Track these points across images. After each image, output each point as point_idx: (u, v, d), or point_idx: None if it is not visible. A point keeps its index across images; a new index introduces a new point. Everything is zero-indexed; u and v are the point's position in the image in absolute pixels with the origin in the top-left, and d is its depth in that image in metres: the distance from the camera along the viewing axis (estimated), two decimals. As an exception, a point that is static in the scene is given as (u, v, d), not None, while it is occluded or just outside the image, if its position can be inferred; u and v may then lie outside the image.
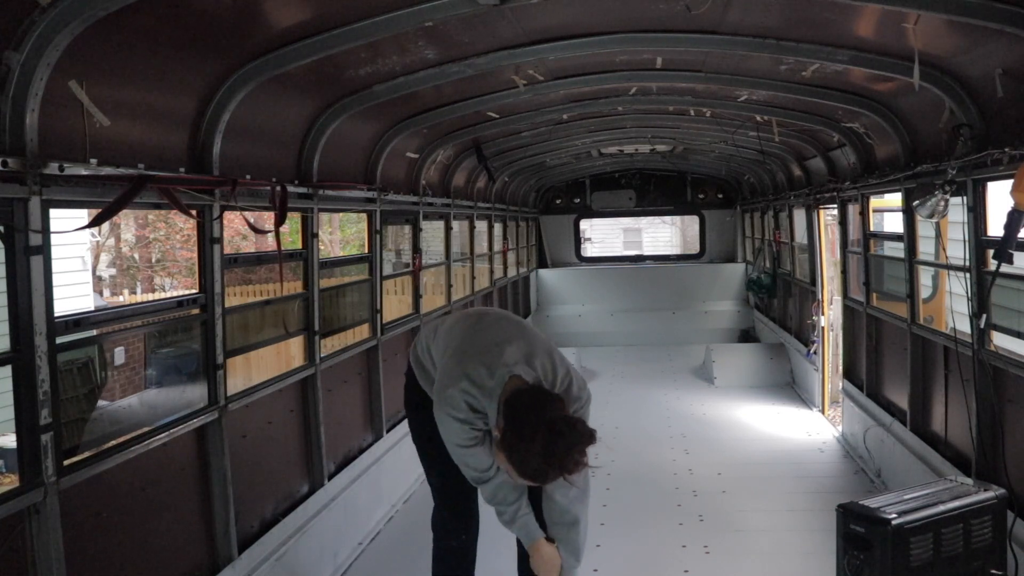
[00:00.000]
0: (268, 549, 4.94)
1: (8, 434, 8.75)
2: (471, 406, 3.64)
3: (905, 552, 4.04)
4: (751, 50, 5.34)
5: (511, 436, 3.43)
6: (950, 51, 4.82)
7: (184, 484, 4.34)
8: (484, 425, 3.68)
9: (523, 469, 3.44)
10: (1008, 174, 4.52)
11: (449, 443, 3.75)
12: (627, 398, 10.92)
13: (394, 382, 7.45)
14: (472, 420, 3.65)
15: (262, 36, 4.27)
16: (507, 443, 3.45)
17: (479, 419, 3.66)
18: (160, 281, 23.00)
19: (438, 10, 4.22)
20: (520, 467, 3.44)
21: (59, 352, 3.37)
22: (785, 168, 10.93)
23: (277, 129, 5.28)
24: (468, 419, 3.65)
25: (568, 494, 3.80)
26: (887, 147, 6.84)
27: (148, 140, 3.97)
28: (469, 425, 3.66)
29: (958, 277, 5.43)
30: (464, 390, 3.63)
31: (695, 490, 7.23)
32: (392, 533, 6.44)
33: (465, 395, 3.63)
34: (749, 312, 15.20)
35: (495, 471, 3.73)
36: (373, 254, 6.96)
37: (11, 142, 3.08)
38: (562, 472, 3.43)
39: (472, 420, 3.65)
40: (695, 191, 16.11)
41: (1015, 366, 4.83)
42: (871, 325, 7.78)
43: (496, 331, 3.89)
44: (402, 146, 7.27)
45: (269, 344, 5.48)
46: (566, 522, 3.86)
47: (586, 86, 6.77)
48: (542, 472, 3.43)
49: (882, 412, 7.39)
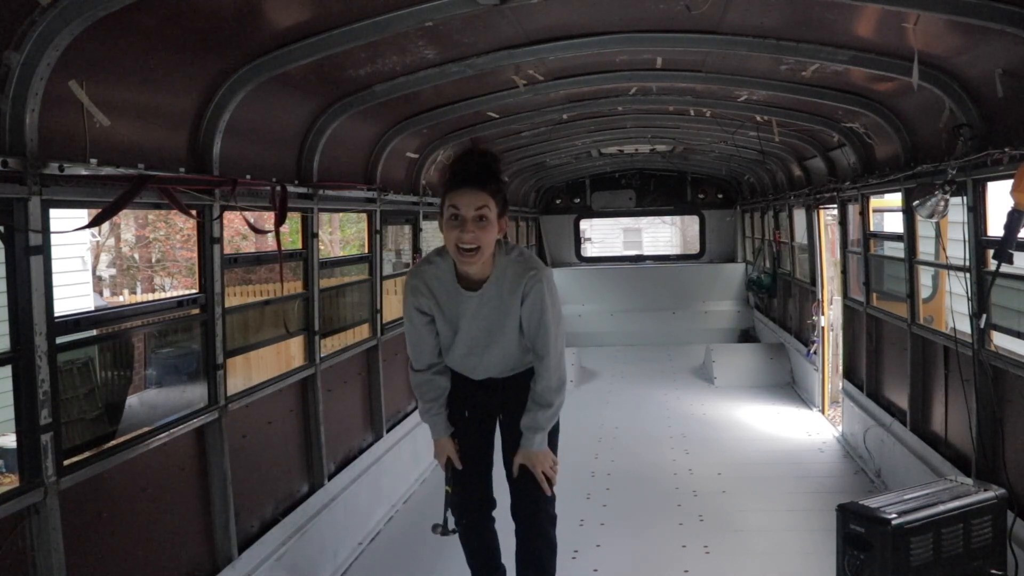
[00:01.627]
0: (268, 549, 4.94)
1: (8, 434, 8.75)
2: (425, 282, 4.08)
3: (905, 552, 4.04)
4: (751, 50, 5.33)
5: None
6: (950, 51, 4.82)
7: (184, 484, 4.34)
8: (429, 310, 4.10)
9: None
10: (1008, 174, 4.52)
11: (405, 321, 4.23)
12: (627, 398, 10.92)
13: (394, 382, 7.48)
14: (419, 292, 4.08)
15: (262, 36, 4.27)
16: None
17: (427, 300, 4.08)
18: (160, 281, 23.00)
19: (438, 10, 4.22)
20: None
21: (59, 352, 3.37)
22: (785, 168, 10.93)
23: (277, 129, 5.28)
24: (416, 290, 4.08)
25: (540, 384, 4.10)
26: (887, 147, 6.85)
27: (148, 140, 3.97)
28: (414, 299, 4.10)
29: (958, 277, 5.43)
30: (418, 267, 4.19)
31: (695, 490, 7.23)
32: (392, 533, 6.44)
33: (419, 271, 4.13)
34: (749, 312, 15.20)
35: (427, 368, 4.23)
36: (373, 254, 6.97)
37: (11, 142, 3.08)
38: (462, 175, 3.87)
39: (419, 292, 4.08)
40: (695, 191, 16.10)
41: (1015, 366, 4.83)
42: (871, 325, 7.78)
43: None
44: (402, 146, 7.27)
45: (269, 344, 5.48)
46: (539, 403, 4.12)
47: (586, 86, 6.77)
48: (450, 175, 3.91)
49: (882, 412, 7.39)
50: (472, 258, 3.86)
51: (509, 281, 4.00)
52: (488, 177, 3.84)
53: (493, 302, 4.04)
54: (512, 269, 4.00)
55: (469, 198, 3.81)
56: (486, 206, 3.82)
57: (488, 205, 3.82)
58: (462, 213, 3.82)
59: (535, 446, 4.13)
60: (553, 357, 4.08)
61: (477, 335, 4.13)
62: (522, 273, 3.98)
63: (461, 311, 4.09)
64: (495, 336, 4.12)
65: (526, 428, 4.14)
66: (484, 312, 4.07)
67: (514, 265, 4.00)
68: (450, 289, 4.06)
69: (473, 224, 3.81)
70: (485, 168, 3.86)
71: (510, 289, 4.01)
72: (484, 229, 3.83)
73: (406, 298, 4.15)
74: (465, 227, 3.81)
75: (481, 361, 4.21)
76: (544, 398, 4.10)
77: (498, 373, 4.26)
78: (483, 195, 3.81)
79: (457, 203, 3.83)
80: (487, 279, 4.01)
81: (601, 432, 9.20)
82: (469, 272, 4.00)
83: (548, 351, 4.07)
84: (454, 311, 4.10)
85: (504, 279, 4.01)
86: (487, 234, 3.85)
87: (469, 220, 3.81)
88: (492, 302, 4.04)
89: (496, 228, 3.88)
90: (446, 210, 3.86)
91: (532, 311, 4.01)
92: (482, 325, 4.09)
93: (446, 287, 4.07)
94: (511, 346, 4.14)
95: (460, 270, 4.02)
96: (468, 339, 4.16)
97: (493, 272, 4.00)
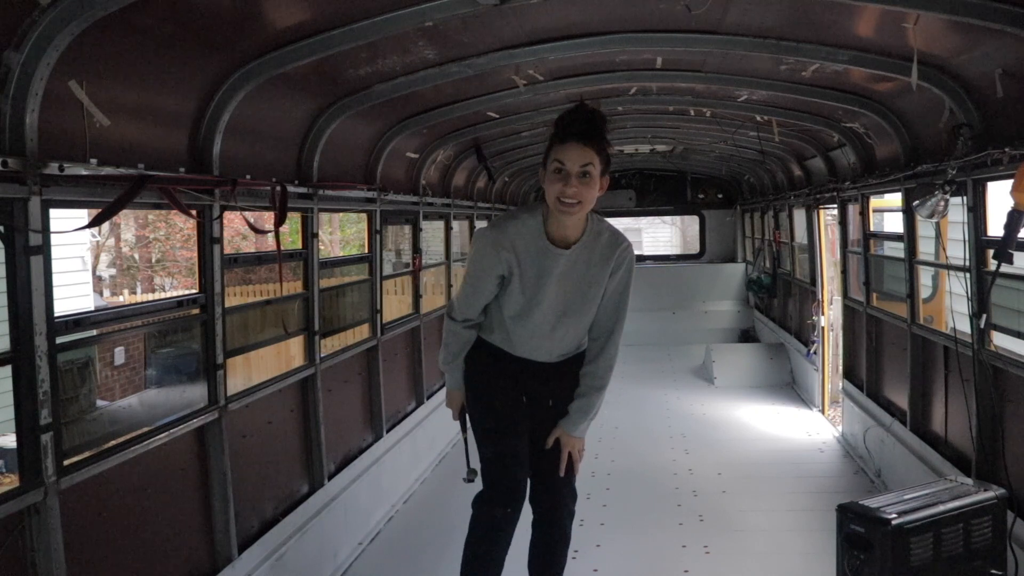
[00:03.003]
0: (268, 549, 4.94)
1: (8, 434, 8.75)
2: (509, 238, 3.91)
3: (905, 552, 4.05)
4: (751, 50, 5.33)
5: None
6: (950, 51, 4.82)
7: (184, 484, 4.34)
8: (508, 269, 3.92)
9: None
10: (1008, 174, 4.52)
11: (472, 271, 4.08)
12: (627, 398, 10.92)
13: (394, 382, 7.48)
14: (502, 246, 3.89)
15: (262, 36, 4.28)
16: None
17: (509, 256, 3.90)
18: (160, 281, 23.00)
19: (438, 10, 4.22)
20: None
21: (59, 352, 3.37)
22: (785, 168, 10.93)
23: (277, 129, 5.28)
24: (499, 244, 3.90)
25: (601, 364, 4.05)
26: (887, 147, 6.85)
27: (148, 140, 3.97)
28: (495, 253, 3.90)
29: (958, 277, 5.43)
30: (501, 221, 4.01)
31: (695, 490, 7.23)
32: (392, 533, 6.44)
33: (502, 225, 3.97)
34: (749, 312, 15.20)
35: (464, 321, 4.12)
36: (373, 254, 6.97)
37: (11, 142, 3.08)
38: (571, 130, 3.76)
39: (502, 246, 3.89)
40: (695, 191, 16.09)
41: (1015, 366, 4.83)
42: (871, 325, 7.78)
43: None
44: (402, 146, 7.27)
45: (269, 344, 5.47)
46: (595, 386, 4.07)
47: (586, 86, 6.76)
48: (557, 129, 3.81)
49: (882, 412, 7.39)
50: (572, 209, 3.78)
51: (602, 247, 3.93)
52: (595, 134, 3.77)
53: (581, 266, 3.93)
54: (606, 237, 3.93)
55: (576, 153, 3.74)
56: (591, 163, 3.75)
57: (593, 162, 3.75)
58: (567, 167, 3.74)
59: (579, 432, 4.10)
60: (620, 336, 4.06)
61: (556, 300, 3.97)
62: (615, 243, 3.93)
63: (548, 269, 3.92)
64: (573, 305, 3.98)
65: (577, 411, 4.06)
66: (572, 275, 3.94)
67: (608, 234, 3.94)
68: (539, 247, 3.90)
69: (577, 180, 3.74)
70: (592, 125, 3.79)
71: (602, 256, 3.92)
72: (587, 185, 3.75)
73: (482, 250, 3.94)
74: (569, 181, 3.74)
75: (552, 332, 4.05)
76: (603, 380, 4.07)
77: (554, 354, 4.12)
78: (589, 151, 3.74)
79: (562, 158, 3.75)
80: (578, 241, 3.91)
81: (601, 432, 9.18)
82: (566, 225, 3.87)
83: (618, 328, 4.04)
84: (539, 270, 3.92)
85: (596, 244, 3.92)
86: (590, 190, 3.77)
87: (573, 175, 3.74)
88: (580, 266, 3.93)
89: (598, 186, 3.80)
90: (550, 163, 3.78)
91: (620, 284, 3.97)
92: (567, 288, 3.95)
93: (534, 245, 3.91)
94: (585, 319, 4.03)
95: (550, 229, 3.90)
96: (547, 304, 3.98)
97: (585, 235, 3.91)
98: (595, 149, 3.77)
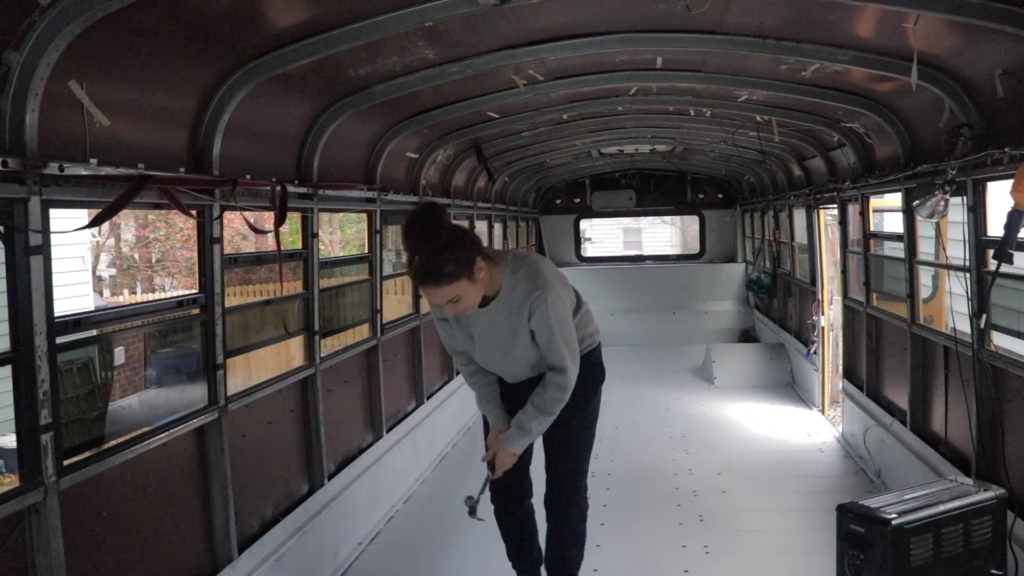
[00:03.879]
0: (268, 549, 4.93)
1: (8, 434, 8.75)
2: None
3: (905, 552, 4.05)
4: (751, 50, 5.33)
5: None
6: (950, 51, 4.82)
7: (184, 484, 4.34)
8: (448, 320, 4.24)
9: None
10: (1008, 174, 4.52)
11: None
12: (627, 398, 10.91)
13: (394, 382, 7.48)
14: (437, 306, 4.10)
15: (262, 36, 4.27)
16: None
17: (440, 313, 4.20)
18: (160, 281, 23.00)
19: (438, 10, 4.22)
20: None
21: (59, 352, 3.37)
22: (785, 168, 10.93)
23: (277, 129, 5.28)
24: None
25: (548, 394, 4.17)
26: (887, 147, 6.84)
27: (148, 140, 3.97)
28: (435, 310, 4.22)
29: (958, 277, 5.43)
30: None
31: (695, 490, 7.23)
32: (392, 533, 6.44)
33: None
34: (749, 312, 15.20)
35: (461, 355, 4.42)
36: (373, 254, 6.97)
37: (11, 142, 3.08)
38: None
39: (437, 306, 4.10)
40: (695, 191, 16.10)
41: (1015, 366, 4.83)
42: (871, 325, 7.78)
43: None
44: (402, 146, 7.27)
45: (269, 344, 5.47)
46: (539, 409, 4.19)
47: (586, 86, 6.77)
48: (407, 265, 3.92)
49: (882, 412, 7.39)
50: (462, 314, 4.05)
51: (517, 299, 4.07)
52: (441, 275, 3.81)
53: (503, 318, 4.12)
54: (520, 287, 4.05)
55: (435, 295, 3.90)
56: (452, 294, 3.87)
57: (454, 289, 3.86)
58: (436, 303, 3.96)
59: (511, 446, 4.26)
60: (570, 370, 4.14)
61: (492, 348, 4.25)
62: (529, 292, 4.04)
63: (473, 323, 4.20)
64: (509, 349, 4.22)
65: (515, 425, 4.25)
66: (496, 329, 4.16)
67: (521, 283, 4.05)
68: None
69: (450, 306, 3.93)
70: (428, 270, 3.80)
71: (518, 307, 4.07)
72: (461, 301, 3.92)
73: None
74: (445, 307, 3.95)
75: (504, 369, 4.36)
76: (548, 407, 4.19)
77: (519, 377, 4.39)
78: (444, 289, 3.84)
79: (426, 296, 3.97)
80: (496, 297, 4.09)
81: (601, 432, 9.06)
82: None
83: (562, 366, 4.13)
84: (467, 323, 4.23)
85: (512, 297, 4.07)
86: (466, 301, 3.94)
87: (445, 305, 3.93)
88: (502, 318, 4.12)
89: (474, 288, 3.92)
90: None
91: (540, 330, 4.09)
92: (496, 338, 4.20)
93: None
94: (528, 356, 4.24)
95: None
96: (484, 351, 4.29)
97: (501, 291, 4.07)
98: (448, 282, 3.82)
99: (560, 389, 4.15)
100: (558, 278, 4.22)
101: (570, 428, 4.44)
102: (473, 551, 5.85)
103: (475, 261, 3.86)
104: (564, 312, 4.12)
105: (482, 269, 3.91)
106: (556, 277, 4.20)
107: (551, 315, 4.03)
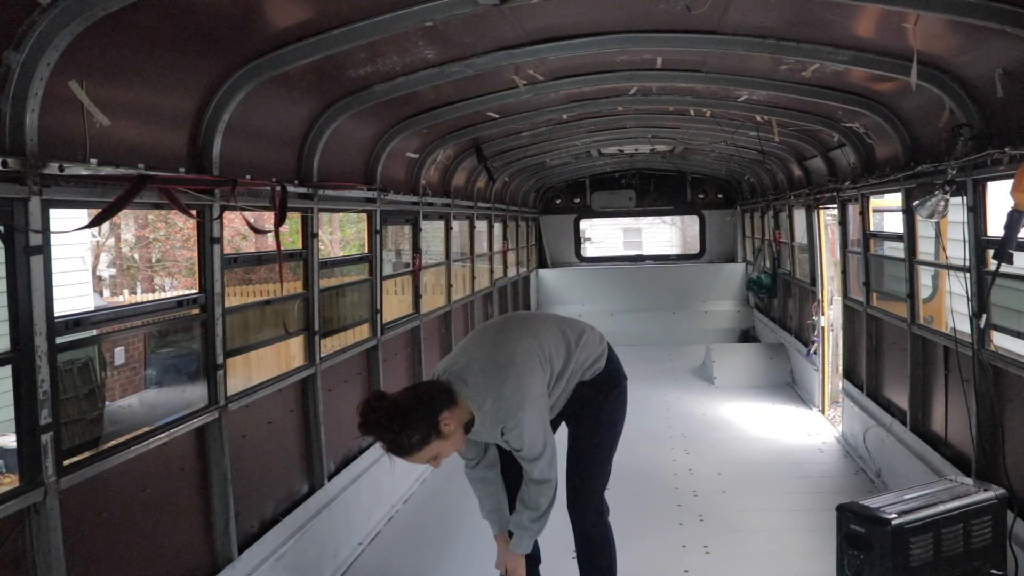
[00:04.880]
0: (268, 549, 4.93)
1: (8, 434, 8.75)
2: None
3: (905, 552, 4.04)
4: (751, 50, 5.33)
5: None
6: (950, 51, 4.82)
7: (184, 484, 4.34)
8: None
9: None
10: (1008, 174, 4.52)
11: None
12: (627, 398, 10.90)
13: (395, 382, 7.47)
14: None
15: (262, 36, 4.27)
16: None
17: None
18: (160, 281, 23.00)
19: (438, 10, 4.22)
20: None
21: (59, 352, 3.37)
22: (785, 168, 10.93)
23: (277, 129, 5.28)
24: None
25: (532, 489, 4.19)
26: (887, 147, 6.84)
27: (148, 140, 3.97)
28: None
29: (958, 277, 5.43)
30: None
31: (695, 490, 7.23)
32: (392, 533, 6.44)
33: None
34: (749, 312, 15.20)
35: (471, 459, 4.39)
36: (373, 254, 6.96)
37: (11, 142, 3.08)
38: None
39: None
40: (695, 191, 16.10)
41: (1015, 366, 4.83)
42: (871, 325, 7.78)
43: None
44: (402, 146, 7.27)
45: (269, 344, 5.47)
46: (528, 507, 4.23)
47: (586, 86, 6.77)
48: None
49: (882, 412, 7.39)
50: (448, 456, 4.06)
51: (488, 429, 4.09)
52: (409, 448, 3.84)
53: (486, 433, 4.14)
54: (489, 420, 4.04)
55: (412, 461, 3.95)
56: (428, 455, 3.91)
57: (427, 452, 3.89)
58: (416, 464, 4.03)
59: (515, 547, 4.29)
60: (542, 470, 4.13)
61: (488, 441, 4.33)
62: (497, 424, 4.04)
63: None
64: (502, 450, 4.33)
65: (513, 526, 4.29)
66: (484, 437, 4.22)
67: (490, 417, 4.03)
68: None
69: (433, 461, 3.98)
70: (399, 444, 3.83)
71: (493, 435, 4.14)
72: (441, 454, 3.97)
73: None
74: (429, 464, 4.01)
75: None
76: (536, 505, 4.22)
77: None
78: (417, 455, 3.89)
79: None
80: (472, 423, 4.07)
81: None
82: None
83: (536, 469, 4.13)
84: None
85: (483, 428, 4.09)
86: (446, 451, 3.98)
87: (428, 462, 3.98)
88: (485, 432, 4.14)
89: (448, 441, 3.94)
90: None
91: (515, 429, 4.04)
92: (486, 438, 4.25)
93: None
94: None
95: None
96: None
97: (475, 424, 4.07)
98: (418, 450, 3.86)
99: (536, 483, 4.17)
100: (532, 381, 4.09)
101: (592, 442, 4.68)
102: (473, 551, 5.84)
103: (439, 422, 3.86)
104: (537, 421, 4.07)
105: (449, 423, 3.89)
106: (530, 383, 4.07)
107: (524, 433, 4.03)
